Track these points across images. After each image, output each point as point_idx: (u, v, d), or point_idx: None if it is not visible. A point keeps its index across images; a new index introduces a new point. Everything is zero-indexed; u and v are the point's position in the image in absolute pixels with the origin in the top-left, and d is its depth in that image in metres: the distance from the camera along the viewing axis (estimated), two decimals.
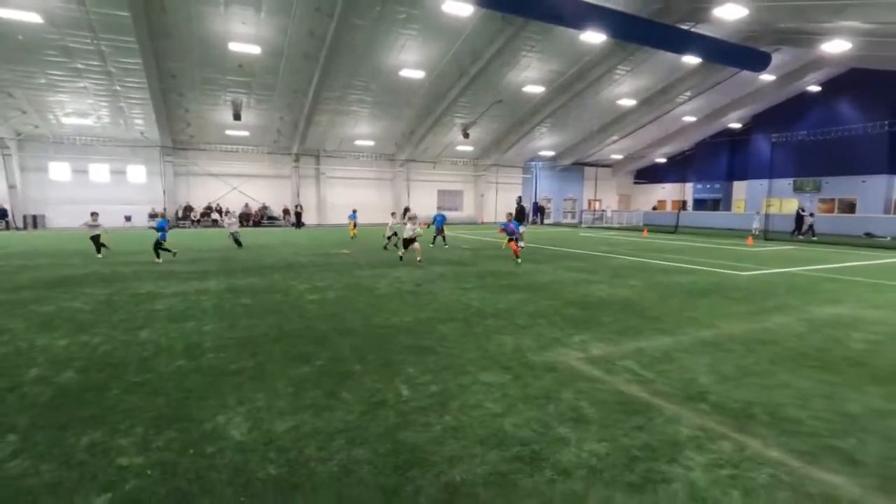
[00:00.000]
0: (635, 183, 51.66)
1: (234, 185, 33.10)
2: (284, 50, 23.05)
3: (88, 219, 14.27)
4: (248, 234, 25.32)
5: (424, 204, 37.73)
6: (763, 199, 33.00)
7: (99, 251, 14.08)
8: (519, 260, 13.14)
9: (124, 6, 18.94)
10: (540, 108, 32.62)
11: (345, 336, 6.08)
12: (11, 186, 27.15)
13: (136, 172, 30.87)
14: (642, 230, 31.58)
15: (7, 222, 26.78)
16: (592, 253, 16.74)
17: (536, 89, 29.28)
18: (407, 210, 20.76)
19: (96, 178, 29.87)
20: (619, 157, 46.06)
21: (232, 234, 17.45)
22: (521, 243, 15.39)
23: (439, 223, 19.54)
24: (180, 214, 31.38)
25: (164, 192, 30.53)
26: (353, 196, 36.50)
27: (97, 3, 18.83)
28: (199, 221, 31.49)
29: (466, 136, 34.31)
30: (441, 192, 41.23)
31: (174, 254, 13.78)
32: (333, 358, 5.22)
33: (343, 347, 5.60)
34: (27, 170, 28.13)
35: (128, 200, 30.32)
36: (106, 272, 11.22)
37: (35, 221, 27.84)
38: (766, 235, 25.22)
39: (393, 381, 4.54)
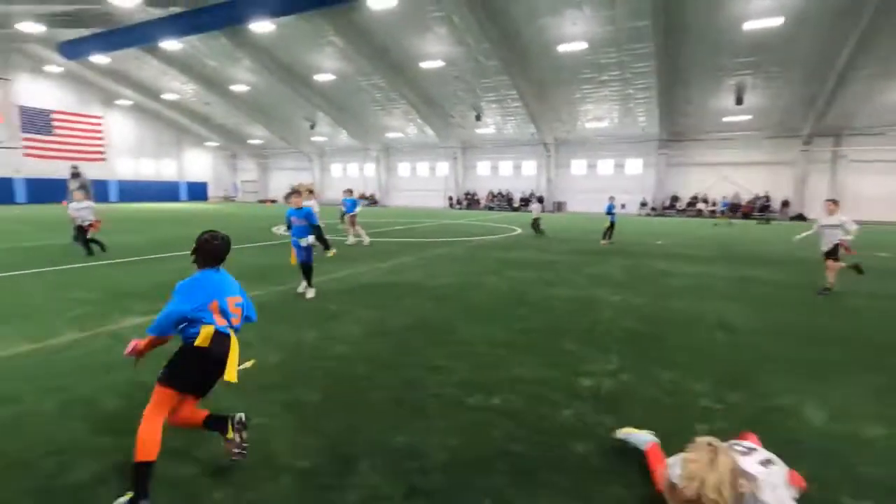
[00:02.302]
0: None
1: (724, 173, 31.64)
2: (812, 14, 19.66)
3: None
4: (736, 228, 23.75)
5: None
6: None
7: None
8: None
9: (646, 15, 21.18)
10: None
11: None
12: (548, 180, 36.30)
13: (633, 165, 34.62)
14: None
15: (543, 206, 36.15)
16: None
17: None
18: None
19: (602, 172, 35.58)
20: None
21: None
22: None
23: None
24: (667, 203, 33.00)
25: (656, 182, 32.93)
26: (888, 185, 27.62)
27: (625, 18, 21.92)
28: (683, 211, 32.17)
29: None
30: None
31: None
32: None
33: None
34: (558, 166, 36.74)
35: (624, 190, 34.52)
36: (617, 249, 13.26)
37: (559, 206, 36.25)
38: None
39: None
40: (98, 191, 37.17)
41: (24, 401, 3.44)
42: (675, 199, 33.06)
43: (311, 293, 6.86)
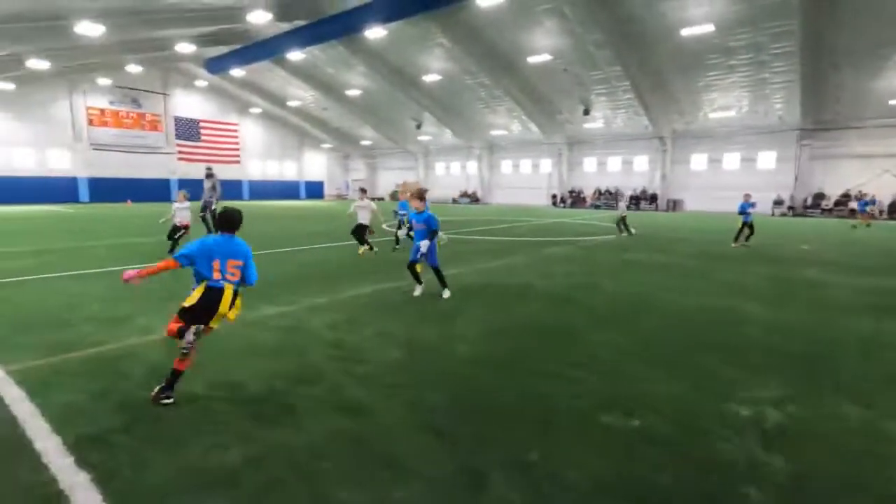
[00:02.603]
0: None
1: (886, 167, 26.79)
2: None
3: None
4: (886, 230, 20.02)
5: None
6: None
7: None
8: None
9: None
10: None
11: None
12: (663, 176, 33.60)
13: (766, 159, 30.71)
14: None
15: (656, 205, 33.57)
16: None
17: None
18: None
19: (728, 167, 32.06)
20: None
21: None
22: None
23: None
24: (809, 202, 28.84)
25: (795, 178, 28.90)
26: None
27: None
28: (830, 210, 27.87)
29: None
30: None
31: None
32: None
33: None
34: (675, 162, 33.82)
35: (753, 187, 30.67)
36: (752, 253, 11.73)
37: (674, 205, 33.39)
38: None
39: None
40: (233, 190, 41.78)
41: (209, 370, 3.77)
42: (819, 196, 28.73)
43: (446, 293, 6.70)
